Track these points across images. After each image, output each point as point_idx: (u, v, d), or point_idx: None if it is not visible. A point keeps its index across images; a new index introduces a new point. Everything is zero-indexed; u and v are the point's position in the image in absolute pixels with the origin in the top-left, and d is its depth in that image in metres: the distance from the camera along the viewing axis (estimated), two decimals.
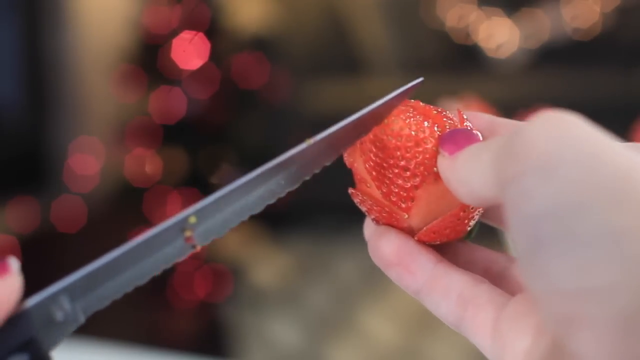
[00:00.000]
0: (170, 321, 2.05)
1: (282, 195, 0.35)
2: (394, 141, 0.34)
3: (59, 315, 0.30)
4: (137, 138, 2.22)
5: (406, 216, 0.34)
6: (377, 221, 0.36)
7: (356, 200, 0.37)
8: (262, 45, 2.48)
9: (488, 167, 0.29)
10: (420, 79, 0.37)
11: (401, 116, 0.34)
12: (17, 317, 0.29)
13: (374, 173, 0.35)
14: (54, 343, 0.30)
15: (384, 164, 0.34)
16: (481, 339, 0.33)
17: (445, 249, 0.36)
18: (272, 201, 0.35)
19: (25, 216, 2.28)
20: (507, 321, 0.31)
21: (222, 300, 2.10)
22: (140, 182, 2.20)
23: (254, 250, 2.31)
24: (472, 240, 0.37)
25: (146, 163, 2.20)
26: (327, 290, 2.13)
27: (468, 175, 0.30)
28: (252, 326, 1.97)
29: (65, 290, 0.30)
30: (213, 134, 2.31)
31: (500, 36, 2.76)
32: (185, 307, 2.06)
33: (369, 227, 0.37)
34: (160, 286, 2.05)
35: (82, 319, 0.31)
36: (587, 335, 0.23)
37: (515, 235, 0.26)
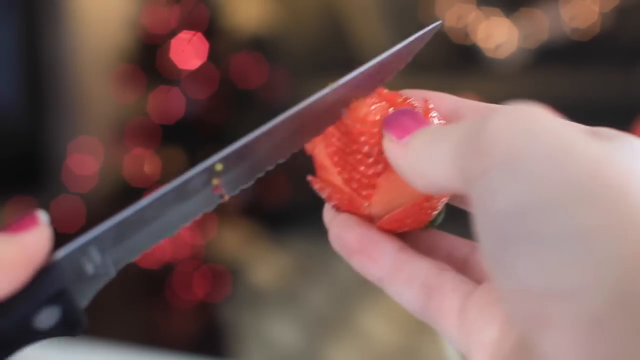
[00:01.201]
0: (168, 321, 2.05)
1: (308, 141, 0.35)
2: (358, 126, 0.33)
3: (89, 268, 0.30)
4: (135, 138, 2.22)
5: (367, 204, 0.34)
6: (337, 208, 0.36)
7: (315, 187, 0.36)
8: (261, 45, 2.48)
9: (449, 159, 0.28)
10: (439, 23, 0.37)
11: (367, 101, 0.34)
12: (47, 269, 0.29)
13: (335, 158, 0.34)
14: (86, 297, 0.30)
15: (347, 149, 0.34)
16: (447, 327, 0.32)
17: (407, 236, 0.36)
18: (297, 149, 0.34)
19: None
20: (473, 310, 0.31)
21: (220, 300, 2.10)
22: (139, 182, 2.20)
23: (253, 250, 2.31)
24: (435, 226, 0.37)
25: (145, 163, 2.20)
26: (326, 291, 2.13)
27: (425, 165, 0.29)
28: (251, 326, 1.97)
29: (94, 241, 0.30)
30: (212, 133, 2.31)
31: (499, 36, 2.76)
32: (183, 307, 2.06)
33: (328, 214, 0.37)
34: (159, 286, 2.05)
35: (112, 273, 0.31)
36: (555, 335, 0.23)
37: (481, 232, 0.26)
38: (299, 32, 2.73)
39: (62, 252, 0.29)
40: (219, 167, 0.32)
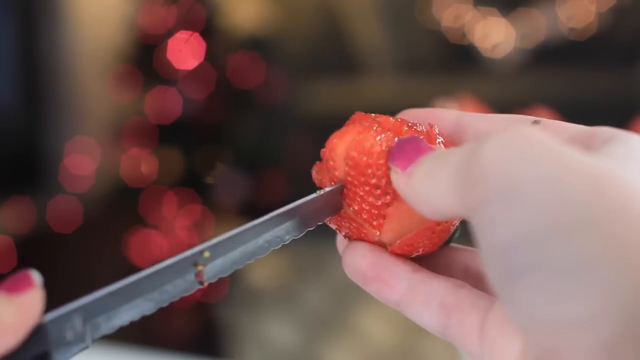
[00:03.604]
0: (166, 321, 2.05)
1: (287, 242, 0.35)
2: (365, 159, 0.33)
3: (69, 335, 0.30)
4: (132, 138, 2.22)
5: (378, 233, 0.34)
6: (348, 237, 0.36)
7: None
8: (258, 45, 2.48)
9: (449, 188, 0.28)
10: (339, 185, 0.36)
11: (371, 133, 0.33)
12: (34, 331, 0.29)
13: (344, 191, 0.35)
14: None
15: (355, 182, 0.34)
16: (469, 345, 0.32)
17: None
18: (277, 247, 0.35)
19: (20, 216, 2.28)
20: (493, 326, 0.30)
21: (218, 300, 2.10)
22: (136, 182, 2.20)
23: None
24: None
25: (142, 163, 2.20)
26: (324, 291, 2.13)
27: (428, 194, 0.29)
28: (248, 326, 1.97)
29: (80, 309, 0.30)
30: (209, 134, 2.31)
31: (496, 36, 2.76)
32: (181, 306, 2.06)
33: (341, 244, 0.37)
34: None
35: (89, 342, 0.31)
36: None
37: (487, 266, 0.25)
38: (296, 32, 2.73)
39: (49, 316, 0.29)
40: (206, 254, 0.33)
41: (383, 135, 0.33)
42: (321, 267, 2.25)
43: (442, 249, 0.37)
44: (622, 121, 1.06)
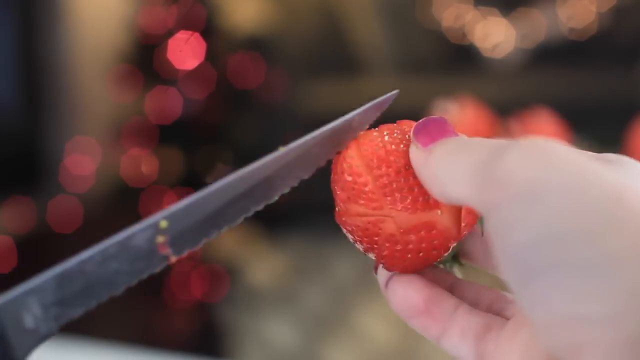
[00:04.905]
0: (166, 321, 2.05)
1: (259, 207, 0.33)
2: (382, 151, 0.33)
3: (28, 320, 0.29)
4: (133, 138, 2.22)
5: (439, 212, 0.32)
6: (389, 262, 0.34)
7: (347, 229, 0.34)
8: (258, 45, 2.48)
9: (466, 176, 0.28)
10: (395, 92, 0.36)
11: (374, 133, 0.33)
12: None
13: (393, 185, 0.33)
14: (25, 349, 0.29)
15: (390, 174, 0.33)
16: None
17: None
18: (248, 213, 0.33)
19: (21, 216, 2.28)
20: (491, 342, 0.31)
21: (218, 300, 2.10)
22: (136, 182, 2.20)
23: (250, 250, 2.31)
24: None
25: (142, 163, 2.20)
26: (324, 290, 2.13)
27: (443, 175, 0.30)
28: (249, 326, 1.97)
29: (34, 291, 0.29)
30: (209, 133, 2.31)
31: (496, 36, 2.76)
32: (181, 307, 2.06)
33: (383, 275, 0.35)
34: (156, 286, 2.05)
35: (55, 329, 0.30)
36: None
37: (505, 265, 0.26)
38: (296, 32, 2.73)
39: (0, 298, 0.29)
40: (163, 224, 0.31)
41: (384, 132, 0.33)
42: (321, 267, 2.25)
43: (455, 283, 0.36)
44: (622, 121, 1.06)
